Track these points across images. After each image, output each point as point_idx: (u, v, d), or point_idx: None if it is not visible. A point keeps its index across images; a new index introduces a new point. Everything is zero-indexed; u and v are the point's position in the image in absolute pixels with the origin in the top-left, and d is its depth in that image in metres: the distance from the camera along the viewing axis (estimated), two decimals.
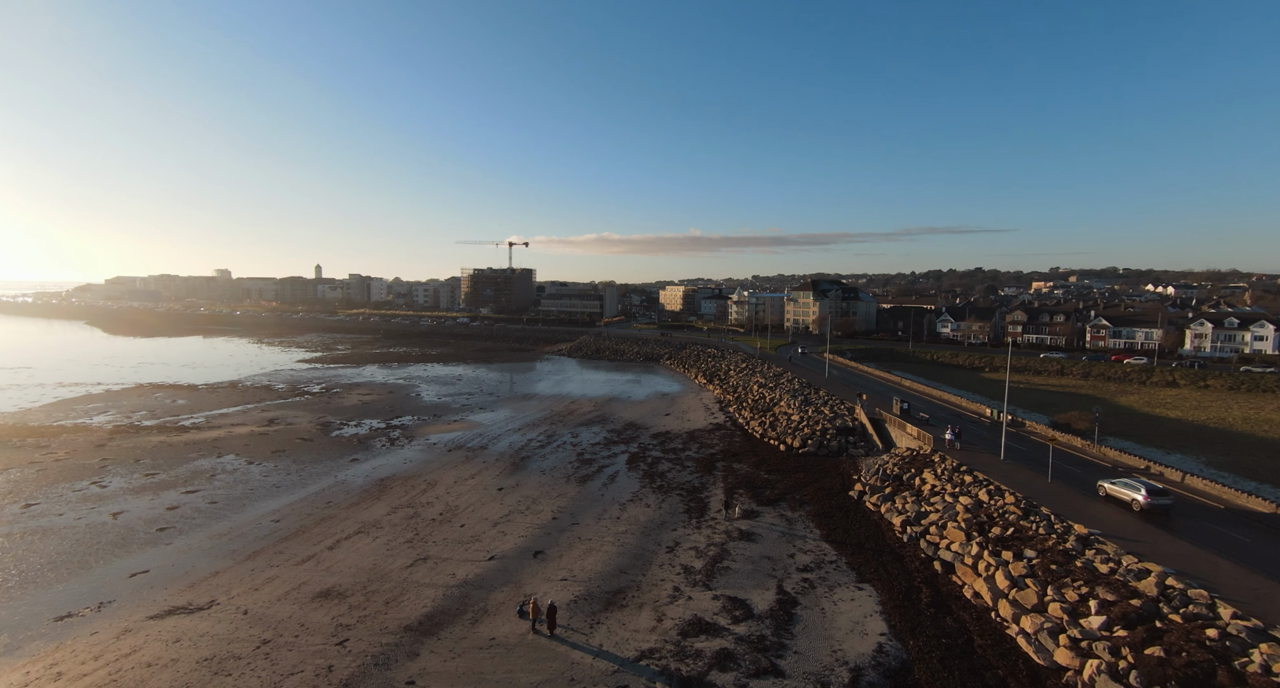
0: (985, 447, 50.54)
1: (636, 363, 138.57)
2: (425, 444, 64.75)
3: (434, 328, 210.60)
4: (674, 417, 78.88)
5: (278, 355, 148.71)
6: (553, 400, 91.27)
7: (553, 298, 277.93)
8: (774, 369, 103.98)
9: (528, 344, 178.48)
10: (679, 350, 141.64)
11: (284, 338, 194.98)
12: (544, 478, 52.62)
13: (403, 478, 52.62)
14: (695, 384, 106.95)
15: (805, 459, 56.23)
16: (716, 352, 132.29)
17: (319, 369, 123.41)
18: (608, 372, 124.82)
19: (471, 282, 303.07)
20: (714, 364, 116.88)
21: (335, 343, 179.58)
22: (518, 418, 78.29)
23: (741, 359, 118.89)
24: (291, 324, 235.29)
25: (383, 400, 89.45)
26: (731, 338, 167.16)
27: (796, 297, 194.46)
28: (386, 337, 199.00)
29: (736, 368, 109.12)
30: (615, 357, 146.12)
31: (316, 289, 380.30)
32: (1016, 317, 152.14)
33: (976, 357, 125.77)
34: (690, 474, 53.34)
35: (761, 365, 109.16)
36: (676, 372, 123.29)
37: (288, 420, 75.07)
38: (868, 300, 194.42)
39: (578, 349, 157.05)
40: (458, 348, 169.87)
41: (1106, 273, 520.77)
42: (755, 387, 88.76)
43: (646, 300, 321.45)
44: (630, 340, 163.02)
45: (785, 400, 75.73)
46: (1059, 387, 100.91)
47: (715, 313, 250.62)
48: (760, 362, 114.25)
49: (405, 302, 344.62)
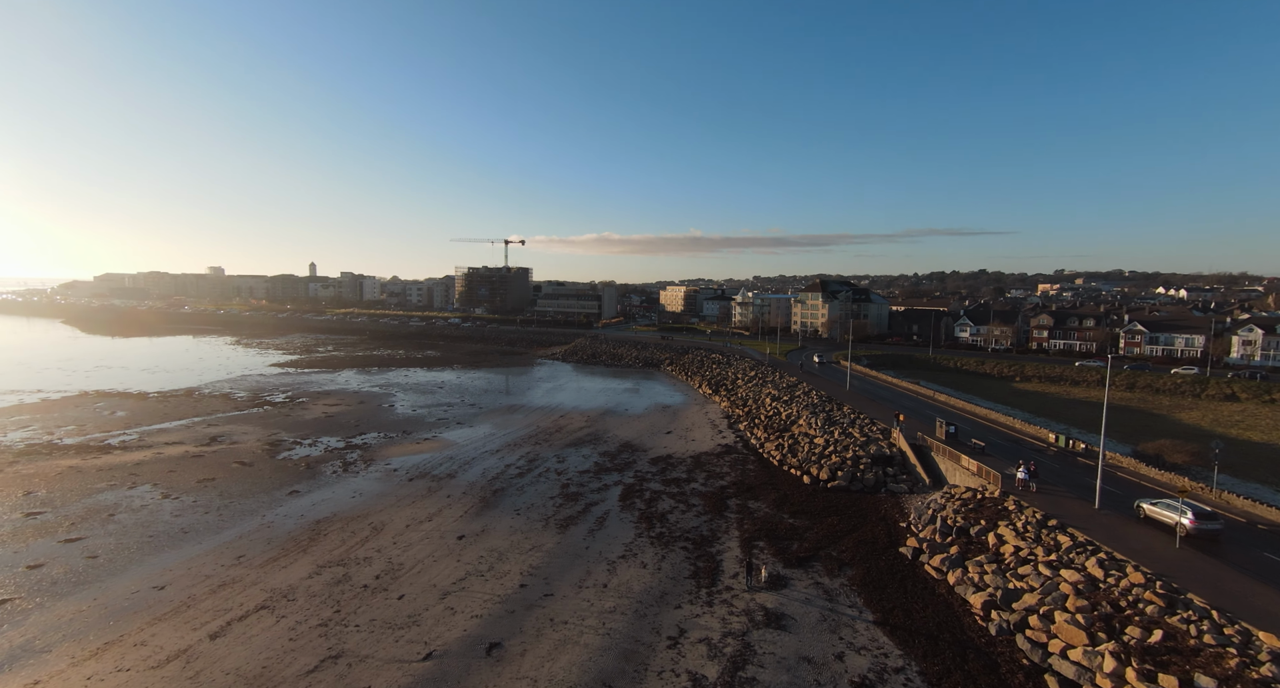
0: (1066, 487, 40.70)
1: (635, 369, 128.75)
2: (384, 470, 54.96)
3: (423, 329, 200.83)
4: (676, 436, 69.02)
5: (252, 358, 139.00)
6: (540, 414, 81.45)
7: (549, 298, 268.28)
8: (786, 379, 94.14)
9: (521, 347, 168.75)
10: (681, 355, 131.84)
11: (265, 339, 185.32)
12: (517, 521, 42.79)
13: (344, 519, 42.81)
14: (699, 395, 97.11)
15: (836, 497, 46.39)
16: (721, 357, 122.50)
17: (291, 374, 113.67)
18: (604, 379, 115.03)
19: (466, 281, 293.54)
20: (719, 372, 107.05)
21: (317, 344, 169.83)
22: (498, 436, 68.47)
23: (749, 366, 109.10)
24: (276, 324, 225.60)
25: (349, 413, 79.66)
26: (737, 342, 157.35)
27: (804, 298, 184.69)
28: (373, 338, 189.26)
29: (744, 376, 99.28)
30: (613, 362, 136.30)
31: (308, 287, 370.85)
32: (1042, 321, 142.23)
33: (1005, 364, 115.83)
34: (697, 517, 43.52)
35: (772, 374, 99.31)
36: (678, 380, 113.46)
37: (233, 438, 65.30)
38: (879, 302, 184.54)
39: (573, 353, 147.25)
40: (446, 351, 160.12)
41: (1113, 276, 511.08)
42: (768, 400, 78.91)
43: (646, 301, 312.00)
44: (629, 344, 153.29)
45: (805, 418, 65.88)
46: (1099, 399, 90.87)
47: (718, 315, 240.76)
48: (770, 369, 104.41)
49: (398, 301, 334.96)
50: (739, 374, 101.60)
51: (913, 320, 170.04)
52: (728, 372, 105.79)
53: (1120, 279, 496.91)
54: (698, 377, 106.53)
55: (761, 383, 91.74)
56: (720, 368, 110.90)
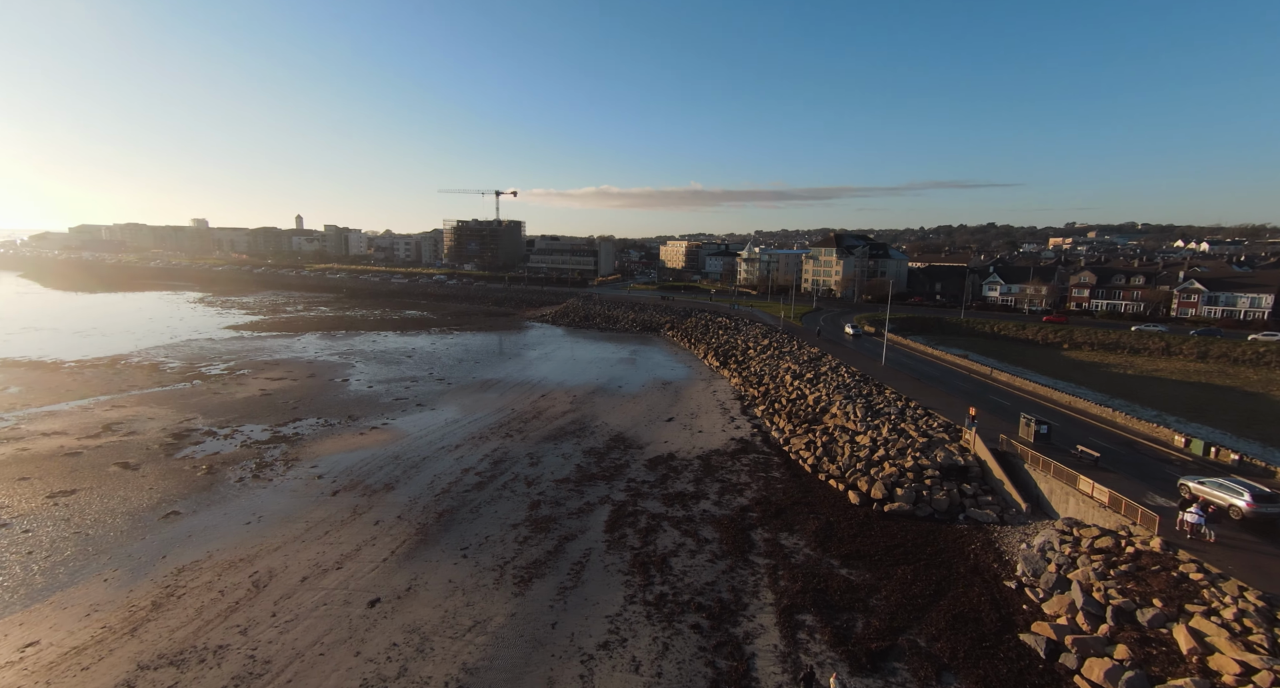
0: (1256, 536, 28.11)
1: (632, 334, 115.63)
2: (306, 476, 42.65)
3: (405, 287, 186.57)
4: (680, 424, 56.52)
5: (210, 318, 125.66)
6: (519, 392, 68.84)
7: (543, 253, 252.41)
8: (807, 349, 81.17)
9: (509, 307, 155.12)
10: (683, 319, 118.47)
11: (234, 296, 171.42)
12: (461, 570, 30.61)
13: (219, 565, 30.62)
14: (705, 366, 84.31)
15: (898, 527, 34.18)
16: (728, 321, 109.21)
17: (244, 339, 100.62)
18: (597, 345, 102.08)
19: (455, 235, 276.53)
20: (728, 340, 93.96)
21: (287, 303, 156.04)
22: (462, 424, 55.98)
23: (761, 333, 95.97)
24: (250, 280, 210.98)
25: (291, 391, 67.03)
26: (744, 302, 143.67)
27: (817, 254, 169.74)
28: (350, 296, 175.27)
29: (757, 345, 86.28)
30: (608, 325, 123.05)
31: (291, 241, 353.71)
32: (1084, 278, 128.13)
33: (1049, 330, 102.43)
34: (711, 562, 31.34)
35: (789, 343, 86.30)
36: (680, 347, 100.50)
37: (133, 426, 52.80)
38: (898, 258, 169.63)
39: (564, 315, 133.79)
40: (428, 311, 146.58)
41: (1126, 228, 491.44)
42: (789, 378, 66.13)
43: (645, 257, 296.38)
44: (626, 305, 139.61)
45: (839, 405, 53.23)
46: (1173, 373, 78.26)
47: (722, 271, 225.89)
48: (786, 337, 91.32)
49: (385, 256, 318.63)
50: (750, 343, 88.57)
51: (935, 278, 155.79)
52: (737, 339, 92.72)
53: (1134, 232, 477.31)
54: (702, 345, 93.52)
55: (778, 355, 78.81)
56: (728, 335, 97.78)
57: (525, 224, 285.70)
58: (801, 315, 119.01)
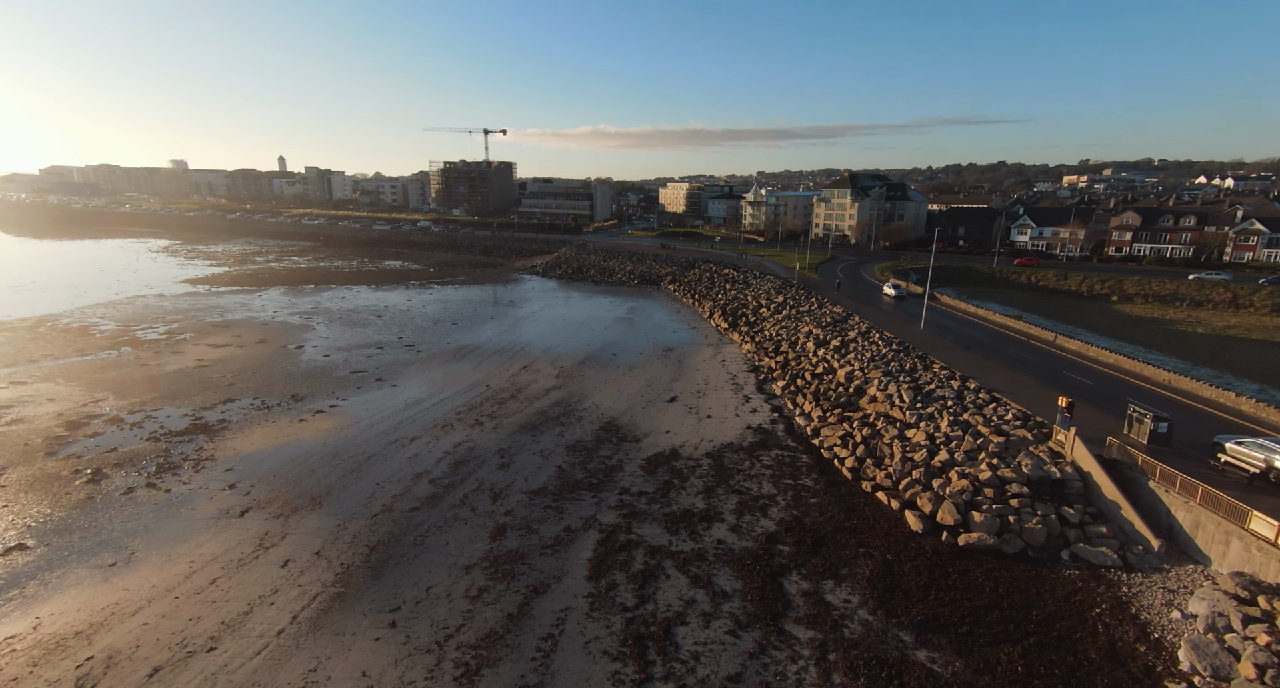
0: None
1: (630, 287, 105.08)
2: (215, 486, 33.68)
3: (388, 234, 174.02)
4: (684, 406, 47.23)
5: (168, 270, 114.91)
6: (498, 361, 59.34)
7: (535, 197, 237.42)
8: (829, 309, 71.08)
9: (498, 257, 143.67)
10: (685, 271, 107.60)
11: (202, 244, 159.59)
12: (385, 649, 21.83)
13: (26, 654, 21.83)
14: (711, 328, 74.46)
15: (981, 570, 25.38)
16: (736, 274, 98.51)
17: (199, 295, 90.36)
18: (590, 301, 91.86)
19: (442, 178, 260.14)
20: (737, 295, 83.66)
21: (258, 253, 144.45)
22: (427, 405, 46.72)
23: (774, 288, 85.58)
24: (223, 226, 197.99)
25: (233, 360, 57.50)
26: (752, 251, 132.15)
27: (829, 196, 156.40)
28: (327, 245, 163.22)
29: (770, 303, 76.16)
30: (603, 277, 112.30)
31: (272, 184, 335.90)
32: (1127, 220, 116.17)
33: (1095, 279, 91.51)
34: (732, 635, 22.55)
35: (808, 300, 76.11)
36: (683, 303, 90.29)
37: (25, 410, 43.61)
38: (918, 200, 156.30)
39: (556, 266, 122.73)
40: (409, 261, 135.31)
41: (1142, 165, 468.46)
42: (811, 345, 56.45)
43: (644, 200, 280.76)
44: (622, 255, 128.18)
45: (877, 383, 43.75)
46: (1252, 332, 68.30)
47: (725, 216, 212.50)
48: (804, 293, 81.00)
49: (370, 200, 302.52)
50: (763, 300, 78.33)
51: (958, 221, 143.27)
52: (746, 295, 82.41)
53: (1151, 169, 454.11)
54: (708, 301, 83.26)
55: (796, 315, 68.80)
56: (737, 289, 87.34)
57: (516, 166, 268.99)
58: (817, 265, 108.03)
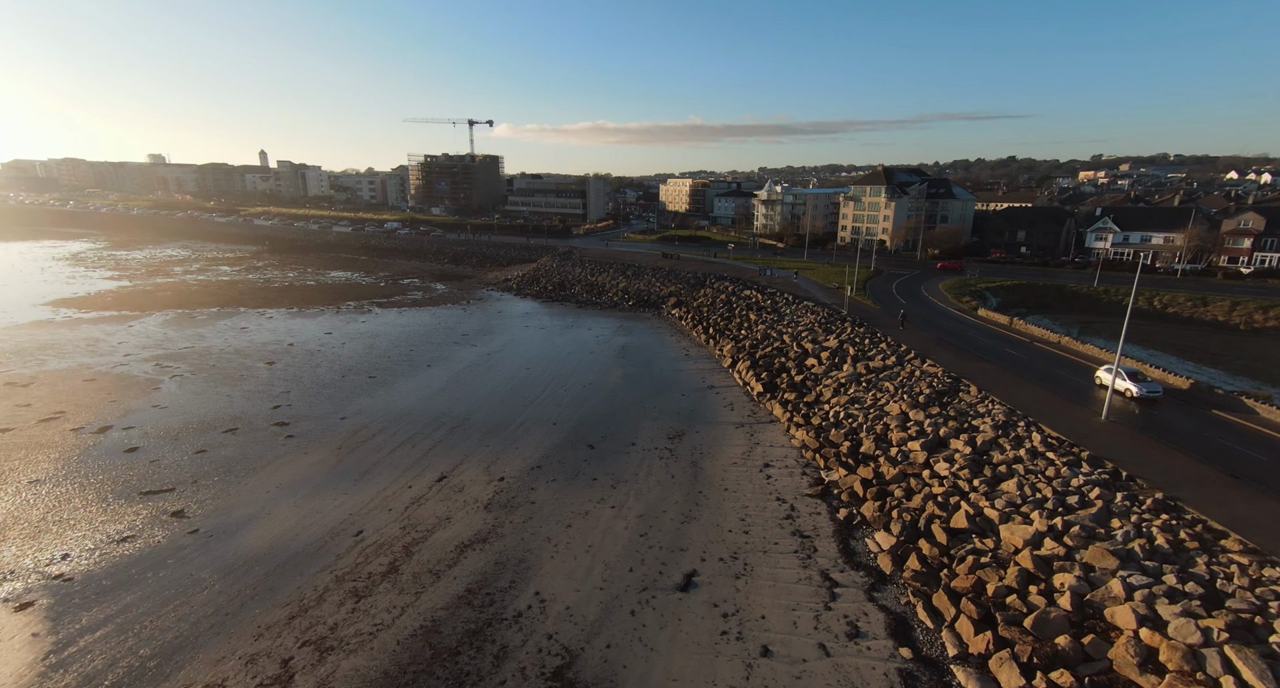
0: None
1: (622, 312, 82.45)
2: None
3: (346, 238, 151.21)
4: (708, 604, 24.36)
5: (48, 285, 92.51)
6: (405, 462, 36.69)
7: (523, 194, 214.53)
8: (919, 364, 48.44)
9: (469, 266, 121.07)
10: (693, 290, 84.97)
11: (131, 248, 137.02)
12: None
13: None
14: (735, 384, 51.80)
15: None
16: (760, 297, 75.91)
17: (50, 325, 67.96)
18: (569, 333, 69.30)
19: (422, 173, 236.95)
20: (768, 334, 60.96)
21: (181, 261, 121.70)
22: (204, 622, 24.07)
23: (818, 321, 62.95)
24: (165, 226, 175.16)
25: None
26: (775, 262, 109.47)
27: (859, 194, 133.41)
28: (273, 251, 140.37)
29: (819, 349, 53.50)
30: (590, 296, 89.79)
31: (244, 179, 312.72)
32: (1246, 223, 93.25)
33: (1256, 305, 68.09)
34: None
35: (873, 344, 53.45)
36: (692, 338, 67.70)
37: None
38: (964, 199, 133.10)
39: (533, 280, 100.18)
40: (361, 272, 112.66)
41: (1158, 160, 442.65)
42: (917, 448, 33.79)
43: (644, 197, 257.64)
44: (615, 267, 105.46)
45: (1122, 589, 21.06)
46: None
47: (734, 216, 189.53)
48: (862, 329, 58.38)
49: (347, 197, 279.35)
50: (806, 342, 55.70)
51: (1016, 224, 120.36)
52: (782, 334, 59.75)
53: (1168, 164, 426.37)
54: (727, 341, 60.58)
55: (869, 378, 46.06)
56: (766, 324, 64.64)
57: (513, 162, 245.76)
58: (865, 282, 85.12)
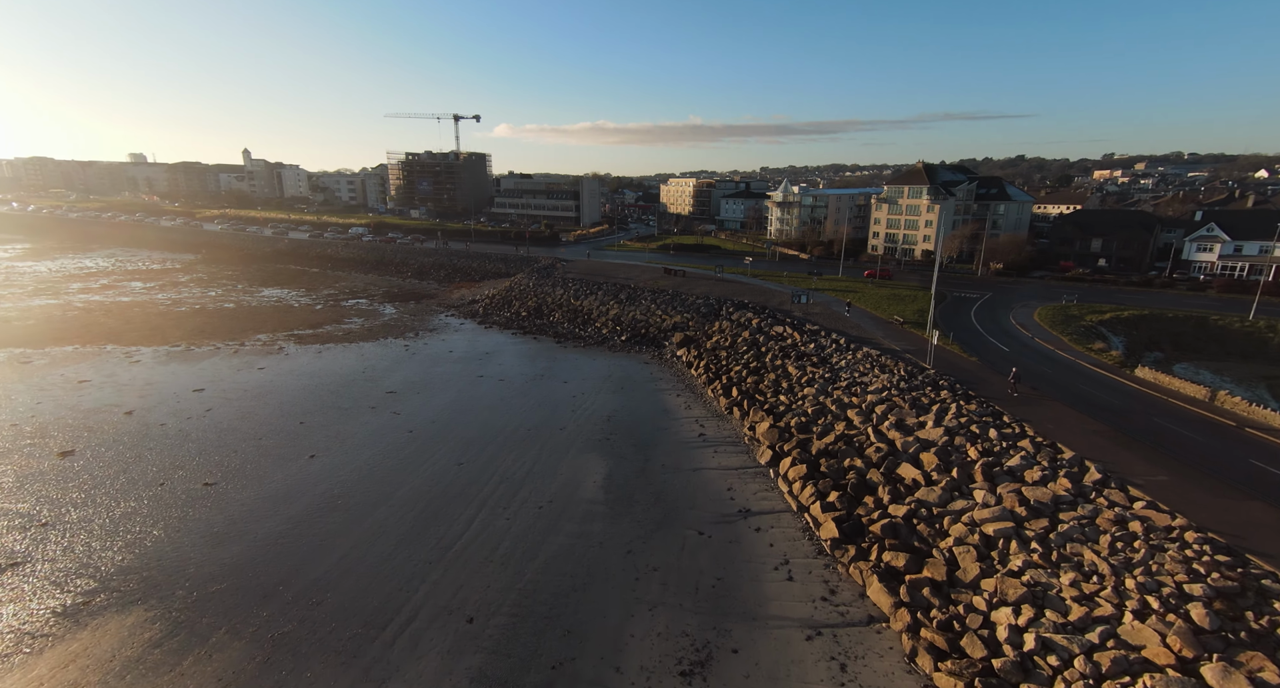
0: None
1: (611, 350, 62.55)
2: None
3: (301, 245, 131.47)
4: None
5: None
6: None
7: (510, 196, 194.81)
8: (1115, 486, 28.70)
9: (433, 282, 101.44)
10: (705, 322, 65.20)
11: (34, 259, 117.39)
12: None
13: None
14: (790, 510, 32.06)
15: None
16: (797, 336, 56.14)
17: None
18: (537, 390, 49.38)
19: (404, 171, 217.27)
20: (825, 409, 41.08)
21: (89, 274, 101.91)
22: None
23: (892, 383, 43.13)
24: (97, 232, 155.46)
25: None
26: (803, 281, 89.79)
27: (895, 195, 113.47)
28: (210, 261, 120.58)
29: (917, 441, 33.79)
30: (573, 325, 70.10)
31: (218, 179, 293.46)
32: None
33: None
34: None
35: (1003, 438, 33.72)
36: (704, 397, 47.80)
37: None
38: (1020, 201, 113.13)
39: (505, 303, 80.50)
40: (302, 289, 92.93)
41: (1173, 158, 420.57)
42: None
43: (644, 199, 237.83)
44: (606, 287, 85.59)
45: None
46: None
47: (745, 219, 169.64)
48: (974, 408, 38.57)
49: (325, 198, 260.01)
50: (891, 427, 36.10)
51: (1090, 230, 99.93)
52: (848, 412, 39.91)
53: (1183, 163, 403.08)
54: (761, 414, 40.68)
55: (1040, 532, 26.26)
56: (815, 383, 44.75)
57: (491, 157, 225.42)
58: (938, 307, 65.27)
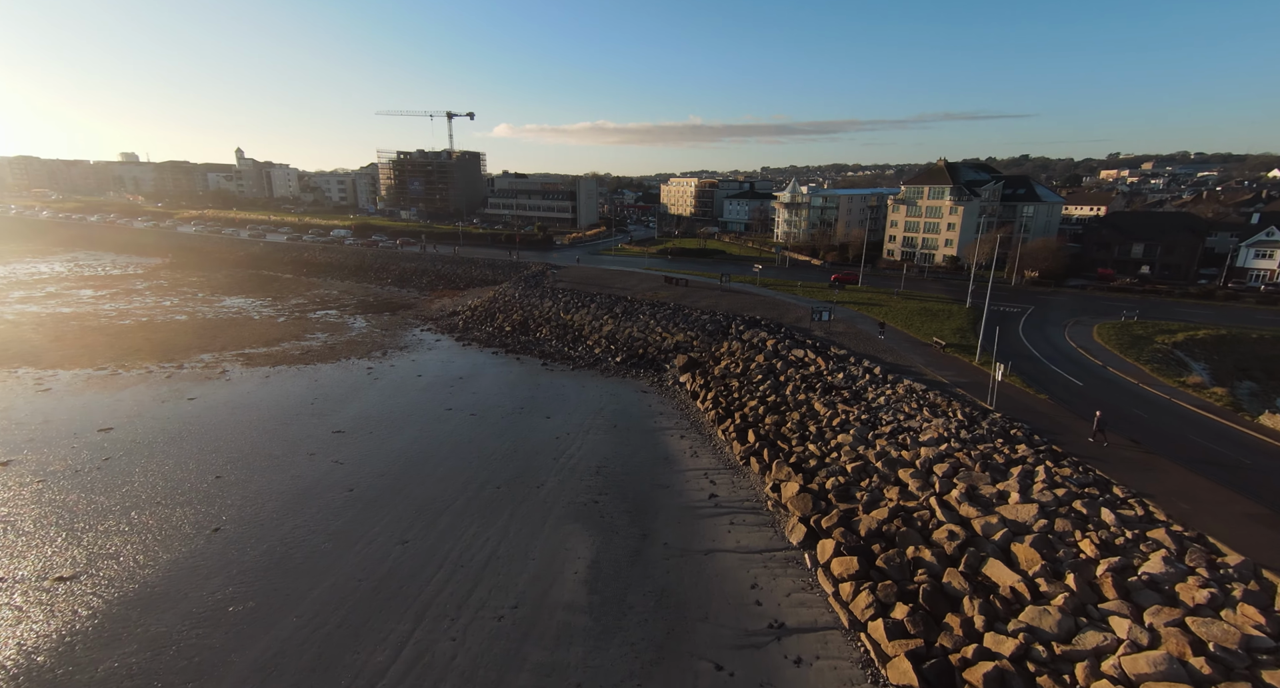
0: None
1: (604, 373, 53.96)
2: None
3: (277, 249, 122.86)
4: None
5: None
6: None
7: (505, 196, 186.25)
8: None
9: (413, 290, 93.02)
10: (712, 341, 56.66)
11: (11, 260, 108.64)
12: None
13: None
14: (831, 606, 23.56)
15: None
16: (822, 364, 47.74)
17: None
18: (504, 437, 40.82)
19: (394, 171, 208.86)
20: (865, 463, 32.69)
21: (40, 281, 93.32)
22: None
23: (950, 429, 34.64)
24: (62, 234, 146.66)
25: None
26: (825, 294, 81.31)
27: (914, 196, 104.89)
28: (178, 265, 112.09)
29: (1004, 526, 25.43)
30: (562, 343, 61.62)
31: (207, 178, 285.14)
32: None
33: None
34: None
35: (1125, 525, 25.24)
36: (714, 439, 39.27)
37: None
38: (1051, 201, 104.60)
39: (487, 316, 72.06)
40: (268, 298, 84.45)
41: (1180, 158, 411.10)
42: None
43: (644, 199, 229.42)
44: (600, 299, 77.15)
45: None
46: None
47: (749, 220, 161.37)
48: (1070, 473, 30.07)
49: (315, 199, 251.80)
50: (960, 499, 27.55)
51: (1130, 234, 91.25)
52: (898, 472, 31.45)
53: (1190, 163, 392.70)
54: (786, 468, 32.25)
55: None
56: (850, 427, 36.24)
57: (485, 156, 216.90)
58: (965, 329, 56.63)
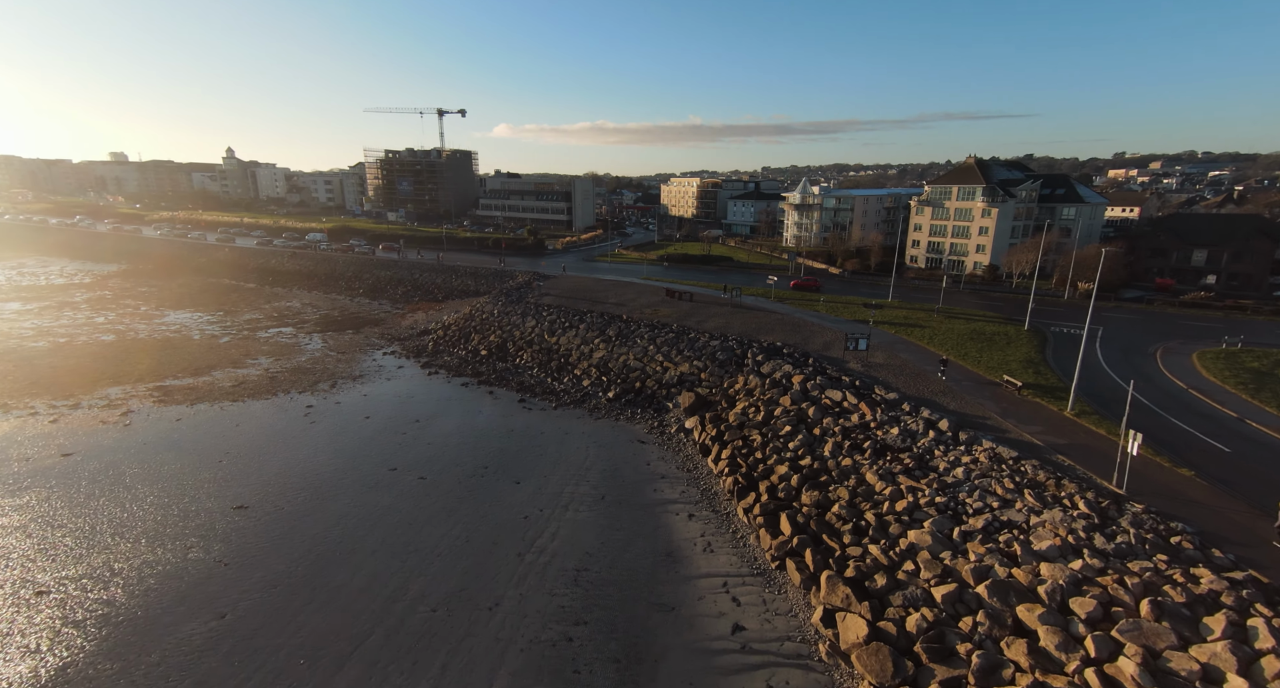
0: None
1: (592, 414, 44.11)
2: None
3: (246, 254, 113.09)
4: None
5: None
6: None
7: (497, 197, 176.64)
8: None
9: (386, 302, 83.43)
10: (724, 374, 46.91)
11: None
12: None
13: None
14: None
15: None
16: (867, 411, 38.04)
17: None
18: (454, 517, 31.05)
19: (383, 170, 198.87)
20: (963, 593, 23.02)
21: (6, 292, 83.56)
22: None
23: (1073, 533, 25.21)
24: (15, 239, 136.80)
25: None
26: (855, 311, 71.51)
27: (940, 197, 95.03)
28: (132, 273, 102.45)
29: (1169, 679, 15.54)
30: (545, 372, 51.87)
31: (191, 178, 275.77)
32: None
33: None
34: None
35: None
36: (733, 519, 29.52)
37: None
38: (1095, 203, 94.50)
39: (460, 337, 62.35)
40: (220, 312, 74.72)
41: (1187, 158, 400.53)
42: None
43: (644, 199, 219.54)
44: (592, 317, 67.41)
45: None
46: None
47: (756, 223, 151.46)
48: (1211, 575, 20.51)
49: (301, 199, 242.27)
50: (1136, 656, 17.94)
51: (1190, 238, 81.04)
52: (1025, 612, 21.82)
53: (1197, 162, 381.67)
54: (847, 595, 22.70)
55: None
56: (924, 521, 26.65)
57: (477, 155, 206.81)
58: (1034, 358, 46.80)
